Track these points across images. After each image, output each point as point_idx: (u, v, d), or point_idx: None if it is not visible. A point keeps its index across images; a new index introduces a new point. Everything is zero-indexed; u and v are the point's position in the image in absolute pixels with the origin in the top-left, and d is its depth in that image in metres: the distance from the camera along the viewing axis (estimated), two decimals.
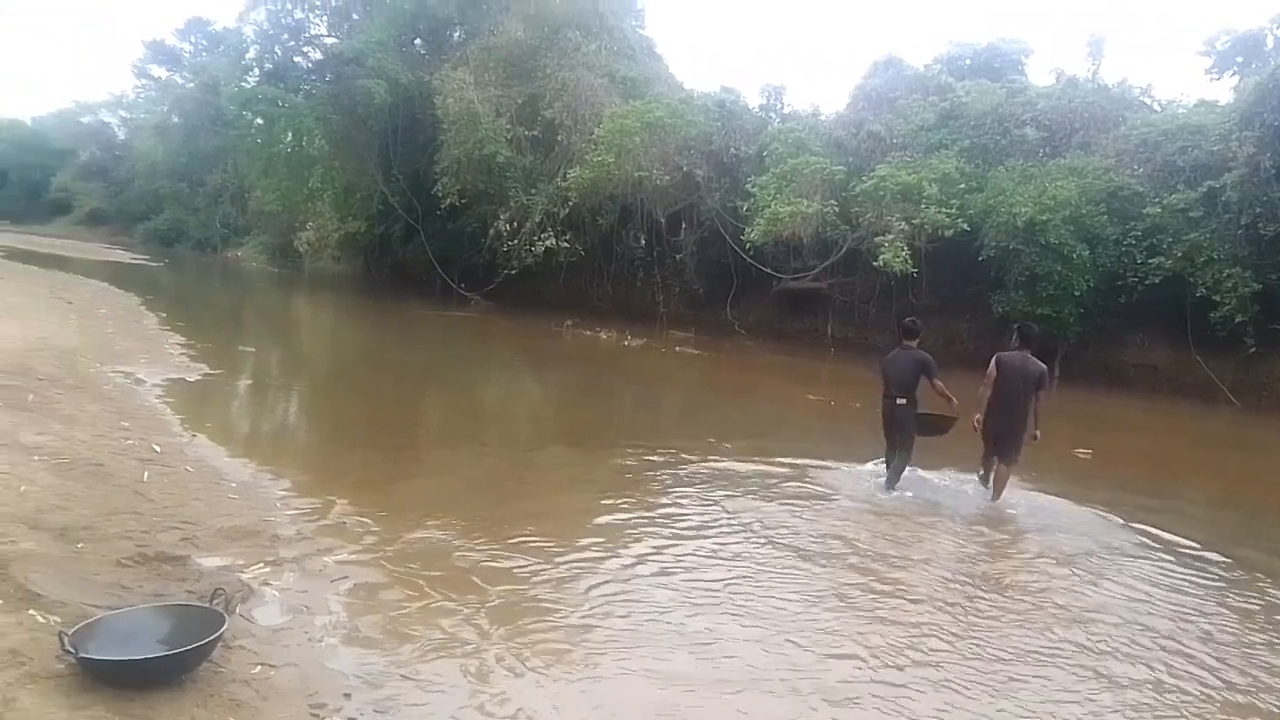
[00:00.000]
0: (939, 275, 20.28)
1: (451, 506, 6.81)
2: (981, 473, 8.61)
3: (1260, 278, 16.58)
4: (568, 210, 24.85)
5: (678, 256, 25.12)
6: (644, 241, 26.30)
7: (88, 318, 15.61)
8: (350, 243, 35.54)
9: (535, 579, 5.44)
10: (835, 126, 24.24)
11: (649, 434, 10.56)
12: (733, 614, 5.18)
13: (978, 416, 8.30)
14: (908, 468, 8.55)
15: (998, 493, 8.27)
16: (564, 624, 4.86)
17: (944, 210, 19.20)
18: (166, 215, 55.74)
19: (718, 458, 9.24)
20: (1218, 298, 16.82)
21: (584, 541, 6.28)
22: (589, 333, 21.93)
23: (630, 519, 6.92)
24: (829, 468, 9.09)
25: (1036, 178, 19.34)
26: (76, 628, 3.50)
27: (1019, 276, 18.76)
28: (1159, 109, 21.85)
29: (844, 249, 21.60)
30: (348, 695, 3.81)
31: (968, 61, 25.63)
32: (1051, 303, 18.27)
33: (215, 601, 3.92)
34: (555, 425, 12.00)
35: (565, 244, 25.01)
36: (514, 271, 25.97)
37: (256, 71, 35.01)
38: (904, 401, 8.33)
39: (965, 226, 19.19)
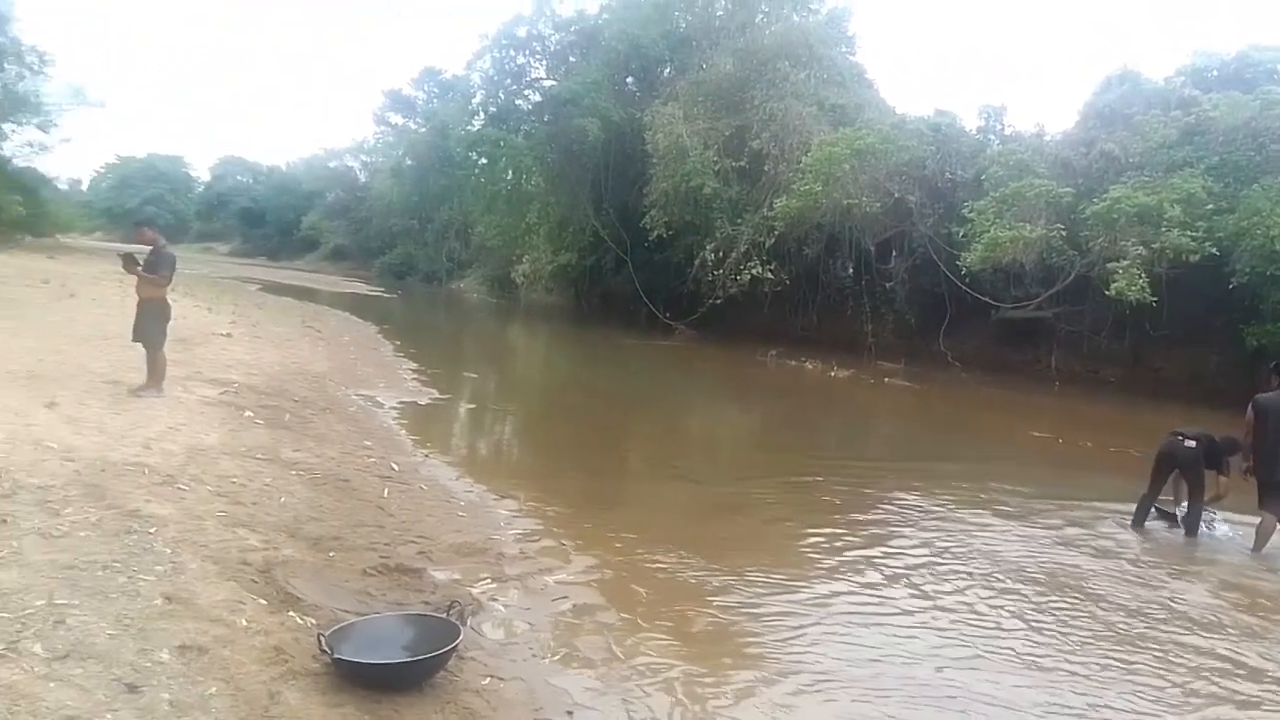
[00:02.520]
0: (1181, 304, 18.51)
1: (662, 533, 6.84)
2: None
3: None
4: (773, 240, 24.74)
5: (887, 285, 24.43)
6: (851, 270, 25.74)
7: (334, 345, 17.04)
8: (562, 274, 37.01)
9: (745, 610, 5.37)
10: (1062, 146, 22.78)
11: (859, 468, 10.22)
12: (956, 659, 4.89)
13: (1246, 465, 7.59)
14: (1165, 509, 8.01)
15: (1260, 543, 7.43)
16: (774, 659, 4.75)
17: (1188, 234, 17.56)
18: (399, 250, 60.38)
19: (932, 495, 8.83)
20: None
21: (794, 575, 6.15)
22: (794, 363, 21.66)
23: (841, 554, 6.70)
24: (1057, 508, 8.48)
25: None
26: (331, 630, 3.77)
27: (1278, 306, 16.80)
28: None
29: (1071, 276, 20.21)
30: (570, 713, 3.89)
31: (1214, 73, 23.48)
32: None
33: (451, 613, 4.10)
34: (762, 456, 11.85)
35: (770, 273, 24.90)
36: (719, 301, 26.11)
37: (481, 115, 37.45)
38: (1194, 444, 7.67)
39: (1214, 251, 17.47)
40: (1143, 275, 17.70)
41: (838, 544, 6.98)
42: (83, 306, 14.02)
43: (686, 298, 28.08)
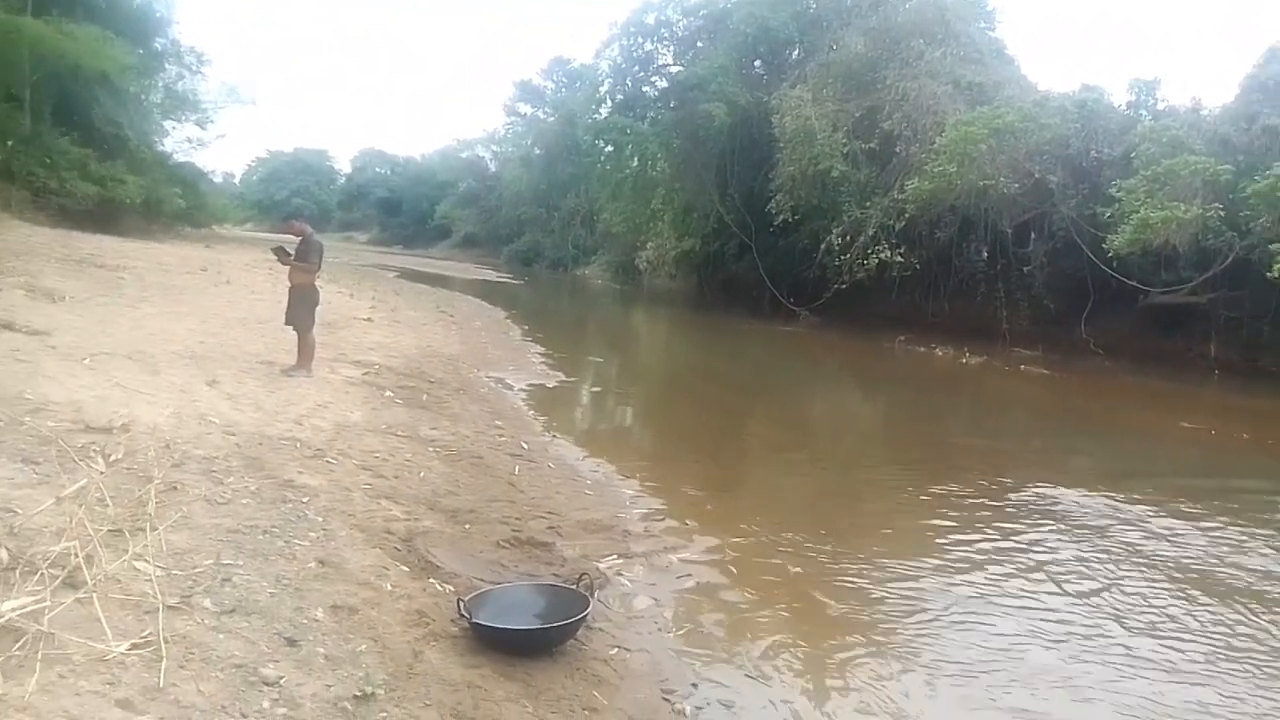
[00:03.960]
0: None
1: (785, 517, 6.84)
2: None
3: None
4: (903, 223, 24.05)
5: (1025, 269, 23.39)
6: (986, 254, 24.77)
7: (465, 329, 17.63)
8: (685, 260, 37.06)
9: (872, 595, 5.35)
10: (1220, 122, 21.26)
11: (991, 458, 9.90)
12: (1090, 654, 4.75)
13: None
14: None
15: None
16: (901, 645, 4.71)
17: None
18: (527, 238, 61.81)
19: (1070, 485, 8.49)
20: None
21: (922, 562, 6.07)
22: (923, 349, 21.09)
23: (971, 545, 6.54)
24: (1208, 502, 8.02)
25: None
26: (469, 596, 3.96)
27: None
28: None
29: (1229, 259, 18.91)
30: (695, 685, 3.98)
31: None
32: None
33: (580, 585, 4.24)
34: (887, 444, 11.63)
35: (899, 258, 24.23)
36: (844, 286, 25.58)
37: (608, 103, 37.95)
38: None
39: None
40: None
41: (968, 533, 6.81)
42: (237, 293, 14.94)
43: (811, 283, 27.63)
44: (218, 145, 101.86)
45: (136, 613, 3.15)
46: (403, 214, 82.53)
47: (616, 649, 4.17)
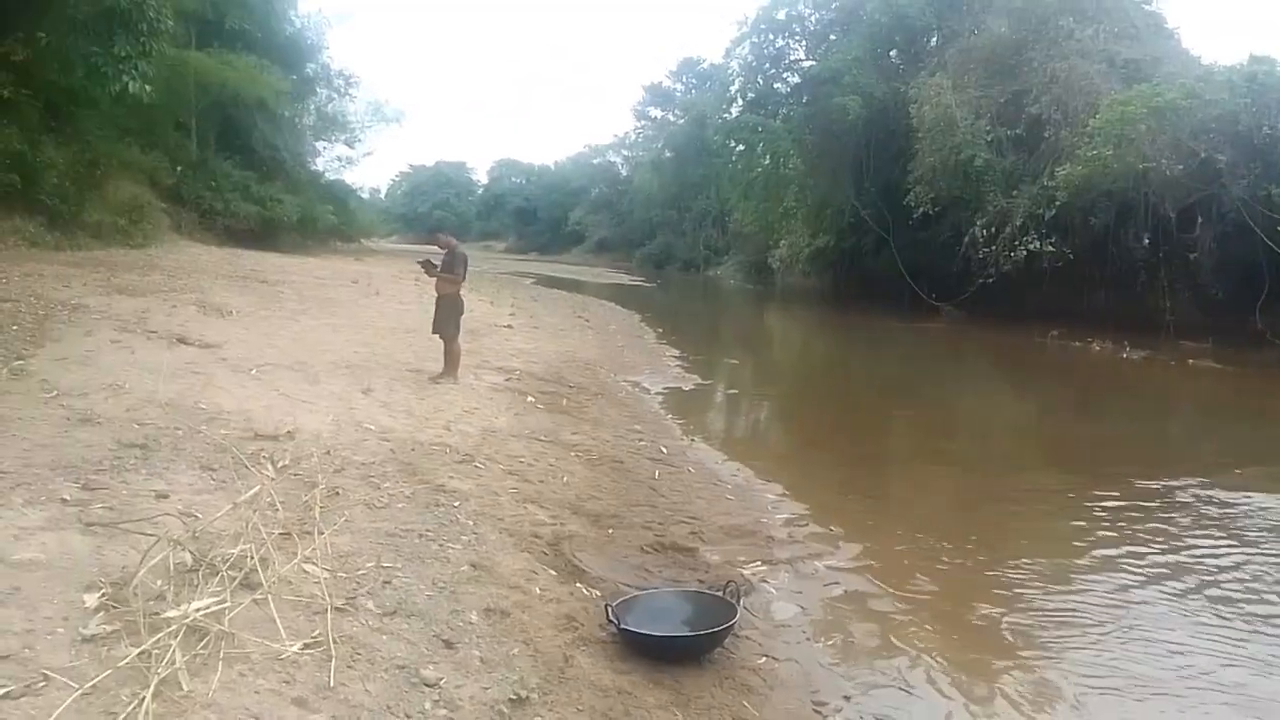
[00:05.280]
0: None
1: (932, 522, 6.61)
2: None
3: None
4: (1054, 211, 22.86)
5: (1191, 256, 21.79)
6: (1147, 241, 23.23)
7: (602, 334, 17.86)
8: (820, 257, 36.46)
9: (1028, 605, 5.09)
10: None
11: (1156, 461, 9.24)
12: (1263, 665, 4.42)
13: None
14: None
15: None
16: (1056, 658, 4.47)
17: None
18: (659, 240, 62.24)
19: (1244, 491, 7.83)
20: None
21: (1081, 571, 5.75)
22: (1078, 344, 20.01)
23: (1133, 554, 6.10)
24: None
25: None
26: (617, 601, 3.98)
27: None
28: None
29: None
30: (847, 697, 3.87)
31: None
32: None
33: (727, 592, 4.20)
34: (1041, 446, 11.04)
35: (1050, 248, 23.04)
36: (990, 280, 24.54)
37: (739, 102, 37.80)
38: None
39: None
40: None
41: (1129, 541, 6.38)
42: (386, 304, 15.60)
43: (954, 278, 26.62)
44: (365, 162, 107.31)
45: (307, 613, 3.31)
46: (538, 221, 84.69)
47: (765, 658, 4.10)
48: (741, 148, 37.57)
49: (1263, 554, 6.18)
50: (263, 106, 26.63)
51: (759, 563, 5.33)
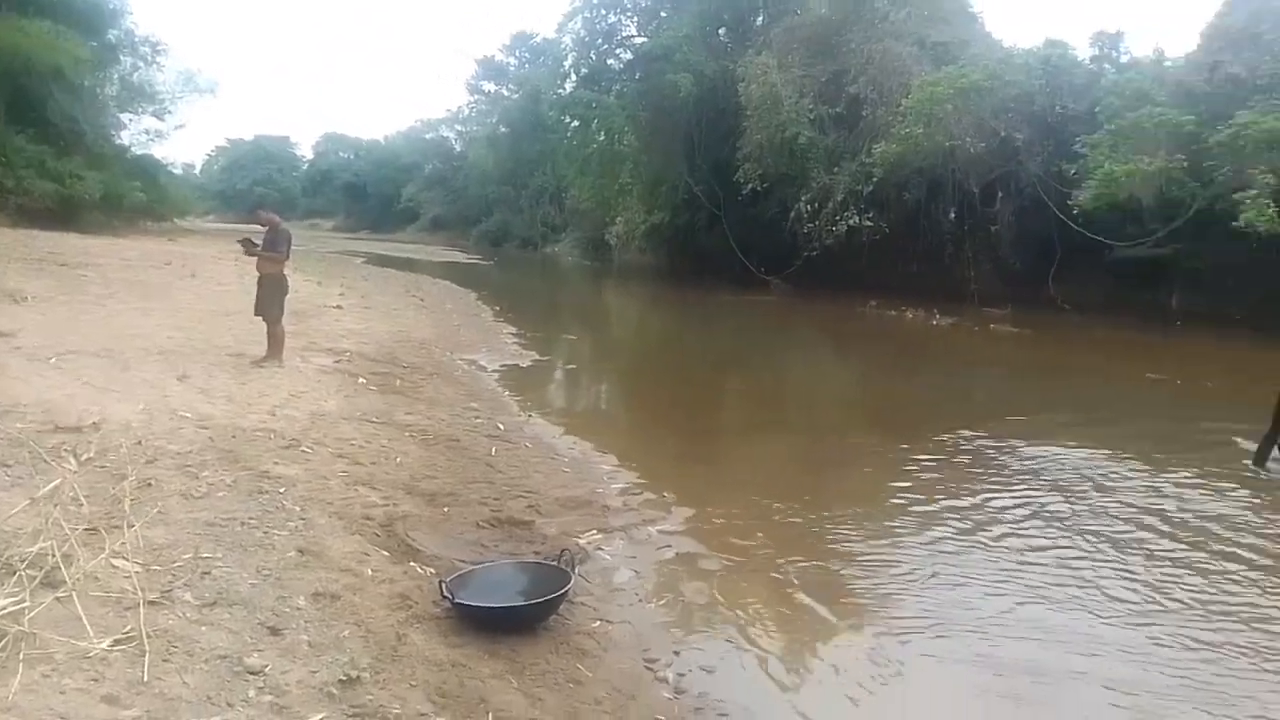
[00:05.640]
0: None
1: (762, 485, 6.92)
2: None
3: None
4: (872, 187, 24.12)
5: (992, 229, 23.55)
6: (954, 215, 24.89)
7: (437, 313, 17.54)
8: (655, 234, 36.94)
9: (849, 557, 5.44)
10: (1184, 72, 21.41)
11: (964, 417, 9.98)
12: (1048, 600, 4.90)
13: None
14: None
15: None
16: (879, 602, 4.83)
17: None
18: (495, 218, 61.38)
19: (1041, 441, 8.61)
20: None
21: (898, 525, 6.17)
22: (894, 312, 21.28)
23: (947, 505, 6.63)
24: (1173, 449, 8.21)
25: None
26: (451, 577, 3.98)
27: None
28: None
29: (1193, 210, 19.12)
30: (677, 653, 4.05)
31: None
32: None
33: (562, 561, 4.28)
34: (861, 409, 11.73)
35: (869, 222, 24.30)
36: (815, 253, 25.64)
37: (573, 77, 37.57)
38: None
39: None
40: (1272, 205, 16.59)
41: (942, 494, 6.90)
42: (204, 286, 14.78)
43: (782, 252, 27.64)
44: (177, 136, 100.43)
45: (117, 609, 3.15)
46: (368, 198, 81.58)
47: (599, 622, 4.22)
48: (576, 124, 37.48)
49: (1056, 499, 6.79)
50: (59, 75, 24.39)
51: (594, 531, 5.44)
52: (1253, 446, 7.86)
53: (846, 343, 18.56)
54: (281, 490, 4.87)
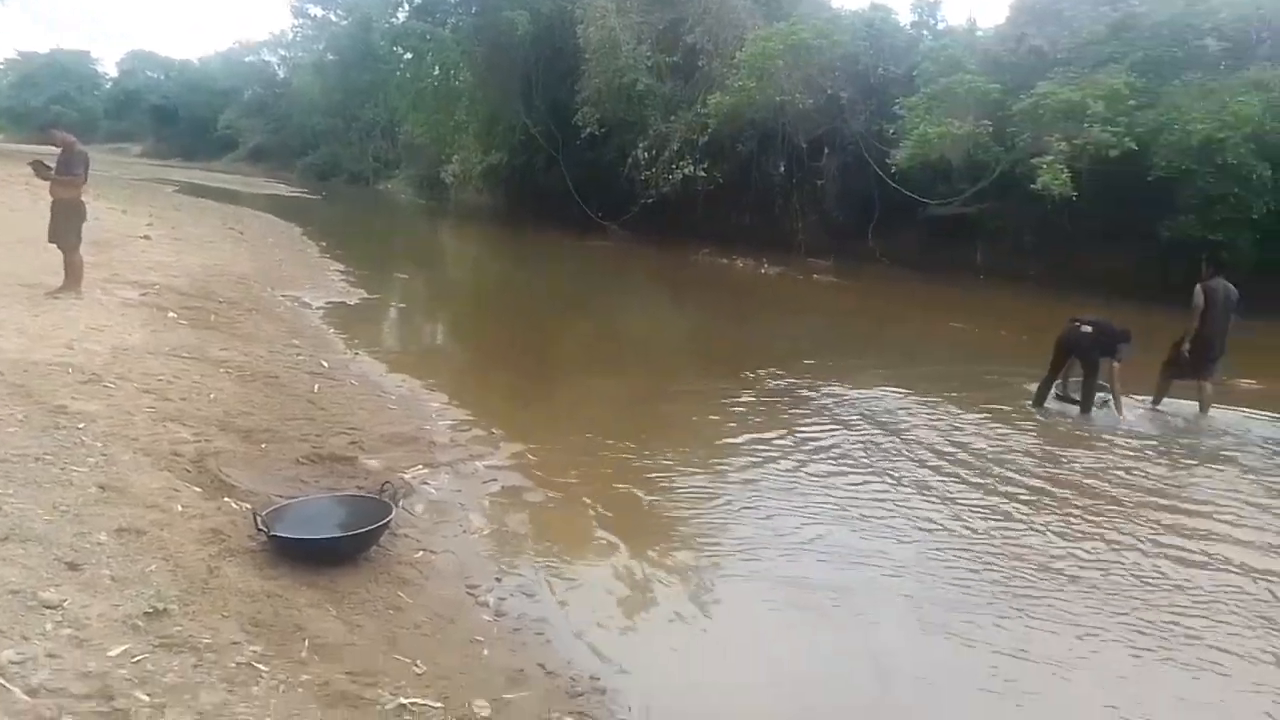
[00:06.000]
0: (1101, 200, 18.94)
1: (592, 422, 7.10)
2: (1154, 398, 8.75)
3: None
4: (707, 138, 24.52)
5: (818, 183, 24.52)
6: (784, 168, 25.71)
7: (257, 247, 16.69)
8: (493, 174, 36.23)
9: (669, 491, 5.68)
10: (993, 42, 22.84)
11: (784, 361, 10.51)
12: (849, 526, 5.35)
13: (1186, 346, 8.39)
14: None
15: (1207, 408, 8.48)
16: (696, 529, 5.11)
17: (1109, 129, 17.93)
18: (323, 150, 58.29)
19: (852, 383, 9.21)
20: None
21: (717, 459, 6.48)
22: (725, 261, 21.90)
23: (764, 441, 7.02)
24: (966, 390, 8.99)
25: (1216, 93, 17.76)
26: (267, 510, 3.93)
27: (1190, 200, 17.44)
28: None
29: (997, 172, 20.54)
30: (499, 579, 4.17)
31: None
32: (1225, 228, 16.89)
33: (384, 493, 4.29)
34: (689, 352, 12.10)
35: (703, 172, 24.75)
36: (652, 200, 25.94)
37: (406, 6, 35.92)
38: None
39: (1133, 146, 17.86)
40: (1065, 170, 18.07)
41: (760, 431, 7.30)
42: None
43: (621, 198, 27.80)
44: None
45: None
46: (180, 123, 75.37)
47: (422, 552, 4.28)
48: (410, 56, 35.99)
49: (863, 436, 7.32)
50: None
51: (420, 466, 5.46)
52: (1033, 388, 8.70)
53: (679, 289, 19.01)
54: (80, 426, 4.62)
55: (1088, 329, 8.17)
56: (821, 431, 7.41)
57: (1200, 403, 8.50)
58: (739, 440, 7.00)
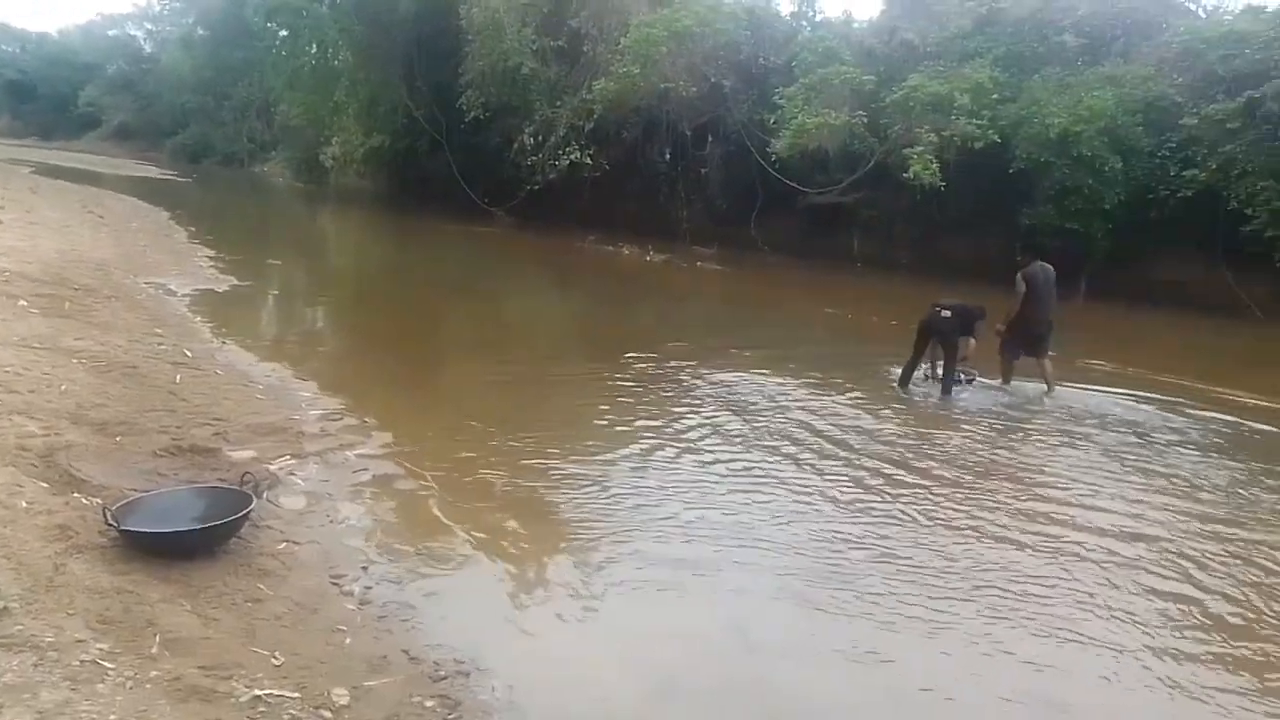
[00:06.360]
0: (968, 189, 19.80)
1: (470, 410, 7.10)
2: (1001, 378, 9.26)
3: None
4: (593, 124, 24.47)
5: (703, 171, 24.83)
6: (668, 156, 25.95)
7: (120, 232, 15.91)
8: (375, 157, 35.29)
9: (544, 475, 5.73)
10: (867, 34, 23.60)
11: (665, 346, 10.70)
12: (722, 507, 5.50)
13: (1000, 326, 9.00)
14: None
15: (1052, 385, 9.04)
16: (566, 512, 5.17)
17: (975, 122, 18.80)
18: (193, 130, 55.66)
19: (732, 368, 9.42)
20: (1250, 211, 16.41)
21: (595, 444, 6.56)
22: (611, 248, 22.00)
23: (642, 424, 7.14)
24: (838, 373, 9.36)
25: (1073, 87, 18.82)
26: (118, 504, 3.81)
27: (1049, 190, 18.43)
28: (1204, 15, 21.14)
29: (872, 162, 21.24)
30: (365, 568, 4.16)
31: None
32: (1080, 217, 17.97)
33: (245, 484, 4.21)
34: (575, 337, 12.19)
35: (590, 159, 24.73)
36: (538, 186, 25.80)
37: None
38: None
39: (996, 138, 18.76)
40: (934, 160, 18.83)
41: (639, 414, 7.43)
42: None
43: (507, 183, 27.53)
44: None
45: None
46: (38, 100, 70.59)
47: (285, 543, 4.23)
48: (285, 33, 34.69)
49: (738, 418, 7.51)
50: None
51: (287, 457, 5.37)
52: (899, 371, 9.12)
53: (564, 276, 19.03)
54: None
55: (947, 313, 8.61)
56: (698, 415, 7.58)
57: (1045, 380, 9.07)
58: (617, 424, 7.10)
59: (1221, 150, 16.93)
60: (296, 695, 3.03)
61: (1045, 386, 9.07)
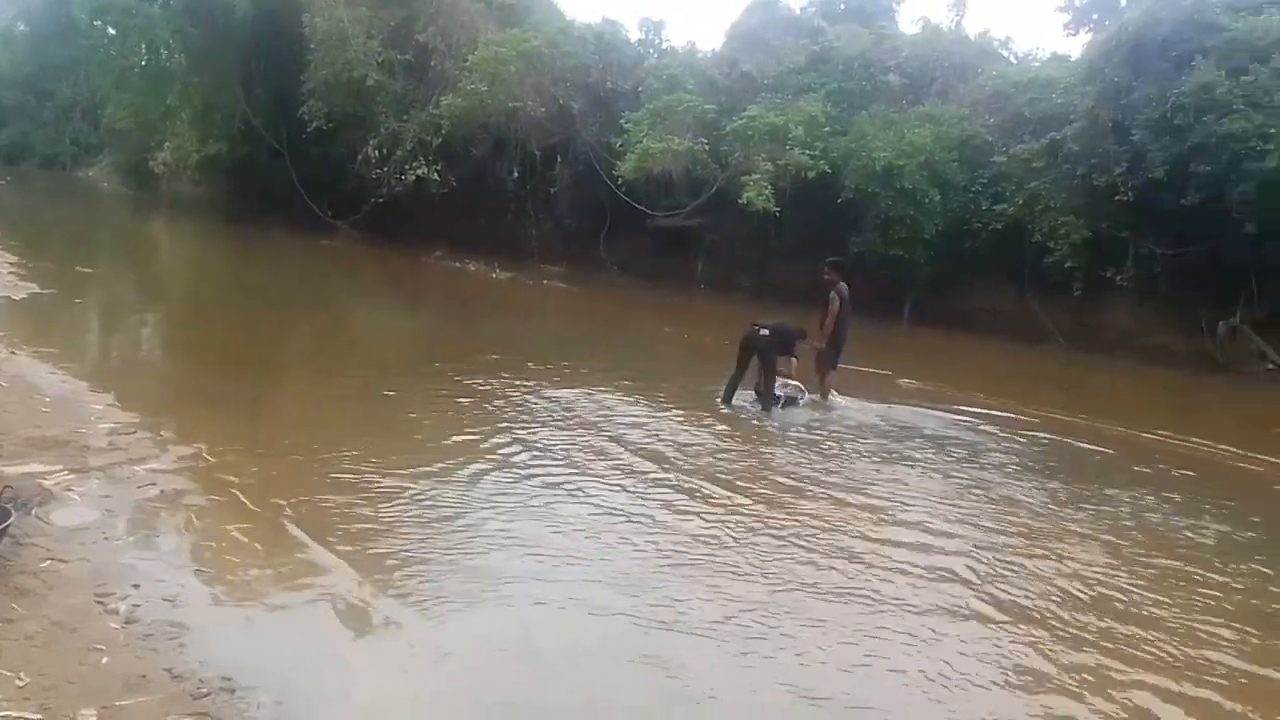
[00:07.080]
0: (802, 216, 20.71)
1: (288, 424, 6.94)
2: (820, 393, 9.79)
3: (1091, 225, 17.61)
4: (440, 139, 24.19)
5: (551, 190, 24.91)
6: (517, 174, 25.91)
7: None
8: (211, 165, 33.60)
9: (349, 490, 5.63)
10: (710, 65, 24.38)
11: (505, 363, 10.66)
12: (532, 519, 5.54)
13: (820, 344, 9.56)
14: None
15: (827, 393, 9.70)
16: (374, 529, 5.10)
17: (808, 152, 19.71)
18: (11, 129, 51.50)
19: (567, 385, 9.52)
20: (1052, 244, 17.86)
21: (419, 459, 6.47)
22: (458, 264, 21.79)
23: (468, 439, 7.15)
24: (668, 390, 9.60)
25: (896, 124, 20.05)
26: None
27: (875, 219, 19.49)
28: (1015, 61, 22.94)
29: (714, 188, 21.90)
30: (137, 585, 3.96)
31: (842, 6, 26.14)
32: (904, 245, 19.10)
33: (3, 499, 3.95)
34: (412, 353, 12.00)
35: (437, 174, 24.38)
36: (383, 200, 25.20)
37: None
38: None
39: (827, 169, 19.74)
40: (769, 188, 19.61)
41: (469, 429, 7.45)
42: None
43: (351, 196, 26.76)
44: None
45: None
46: None
47: (50, 561, 4.00)
48: (113, 32, 32.63)
49: (564, 434, 7.62)
50: None
51: (65, 471, 5.08)
52: (722, 387, 9.42)
53: (408, 291, 18.72)
54: None
55: (764, 331, 9.00)
56: (525, 430, 7.62)
57: (821, 391, 9.72)
58: (443, 439, 7.04)
59: (1027, 187, 18.41)
60: (38, 717, 2.87)
61: (820, 396, 9.68)
